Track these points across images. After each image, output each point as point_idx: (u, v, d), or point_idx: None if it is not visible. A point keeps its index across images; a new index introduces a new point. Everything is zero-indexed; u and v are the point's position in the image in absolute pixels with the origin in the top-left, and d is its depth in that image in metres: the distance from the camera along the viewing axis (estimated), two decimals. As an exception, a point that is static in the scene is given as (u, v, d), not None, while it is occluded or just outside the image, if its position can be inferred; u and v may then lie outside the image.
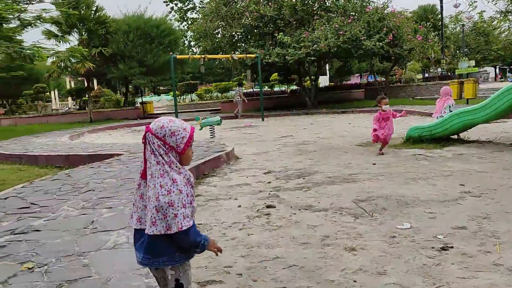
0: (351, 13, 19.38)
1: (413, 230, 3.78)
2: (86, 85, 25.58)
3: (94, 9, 23.01)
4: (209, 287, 2.89)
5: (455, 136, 8.75)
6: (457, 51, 36.54)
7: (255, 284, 2.91)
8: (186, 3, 31.37)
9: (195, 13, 30.38)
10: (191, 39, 29.48)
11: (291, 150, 9.18)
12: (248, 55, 18.99)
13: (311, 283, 2.87)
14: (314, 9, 20.22)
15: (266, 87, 29.81)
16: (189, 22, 34.92)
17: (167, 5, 31.22)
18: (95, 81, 33.54)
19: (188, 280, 1.87)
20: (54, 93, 39.16)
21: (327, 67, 31.54)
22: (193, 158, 7.19)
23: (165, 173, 1.74)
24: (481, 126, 9.63)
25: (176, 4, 31.29)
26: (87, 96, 24.82)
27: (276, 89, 31.58)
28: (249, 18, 20.45)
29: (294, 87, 28.81)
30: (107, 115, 24.34)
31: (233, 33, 22.17)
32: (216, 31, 23.16)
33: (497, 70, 50.44)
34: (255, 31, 21.20)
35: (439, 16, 30.37)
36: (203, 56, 18.76)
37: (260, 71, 19.11)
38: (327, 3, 20.59)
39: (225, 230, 4.12)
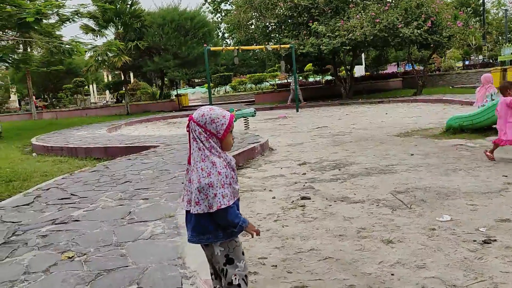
0: (388, 0, 18.84)
1: (453, 222, 3.65)
2: (122, 78, 26.24)
3: (129, 3, 23.47)
4: (244, 278, 2.90)
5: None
6: (500, 37, 34.92)
7: (290, 276, 2.90)
8: (220, -5, 31.45)
9: (229, 4, 30.43)
10: (225, 30, 29.63)
11: (326, 141, 9.07)
12: (282, 46, 18.85)
13: (347, 276, 2.83)
14: (349, -3, 19.80)
15: (301, 77, 29.55)
16: (223, 14, 35.05)
17: (200, -2, 31.43)
18: (131, 75, 34.30)
19: (238, 256, 1.96)
20: (92, 86, 40.33)
21: (363, 57, 30.88)
22: (228, 150, 7.26)
23: (205, 158, 1.87)
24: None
25: (209, -4, 31.43)
26: (124, 89, 25.44)
27: (311, 79, 31.26)
28: (283, 8, 20.27)
29: (329, 77, 28.42)
30: (143, 108, 24.87)
31: (267, 24, 22.06)
32: (250, 22, 23.11)
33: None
34: (289, 21, 21.00)
35: (481, 1, 29.01)
36: (236, 47, 18.78)
37: (295, 62, 18.93)
38: (362, -9, 20.11)
39: (259, 221, 4.11)
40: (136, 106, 24.98)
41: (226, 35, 37.10)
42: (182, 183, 2.35)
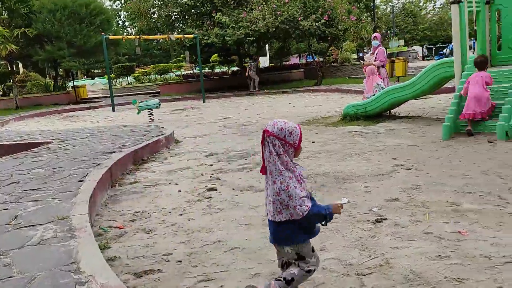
0: (287, -7, 19.41)
1: (350, 204, 3.87)
2: (9, 69, 23.76)
3: (13, -14, 21.23)
4: (146, 277, 2.78)
5: (388, 113, 9.11)
6: (388, 31, 38.03)
7: (195, 270, 2.84)
8: (118, -19, 29.90)
9: (128, -9, 29.03)
10: (125, 19, 28.26)
11: (233, 131, 9.12)
12: (186, 36, 18.50)
13: (253, 264, 2.85)
14: (251, -12, 20.02)
15: (207, 68, 29.34)
16: (123, 1, 33.34)
17: (97, -17, 29.52)
18: (20, 65, 31.23)
19: (308, 252, 2.12)
20: (-26, 79, 36.02)
21: (267, 48, 31.58)
22: (130, 144, 6.94)
23: (282, 171, 2.02)
24: (410, 102, 10.09)
25: (106, -18, 29.72)
26: (11, 81, 23.08)
27: (217, 70, 31.20)
28: (185, -3, 19.87)
29: (235, 68, 28.61)
30: (35, 101, 22.78)
31: (170, 13, 21.47)
32: (152, 10, 22.31)
33: (425, 49, 53.16)
34: (192, 11, 20.67)
35: (372, -4, 31.25)
36: (138, 36, 18.03)
37: (199, 52, 18.71)
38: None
39: (164, 216, 3.99)
40: (26, 99, 22.79)
41: (127, 23, 35.47)
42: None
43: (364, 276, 2.53)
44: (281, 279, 2.17)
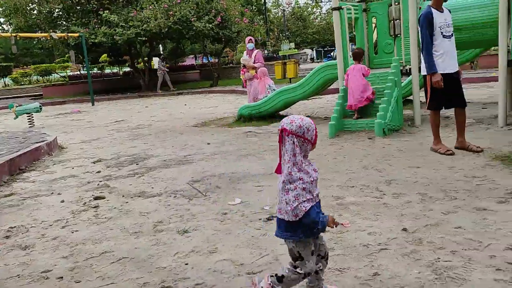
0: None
1: (243, 204, 3.92)
2: None
3: None
4: (20, 300, 2.50)
5: (281, 113, 9.46)
6: (280, 34, 39.65)
7: (78, 286, 2.63)
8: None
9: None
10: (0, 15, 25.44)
11: (125, 135, 8.73)
12: (70, 34, 17.25)
13: (142, 274, 2.73)
14: (141, -14, 19.40)
15: (96, 69, 27.71)
16: (-5, -5, 30.07)
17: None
18: None
19: (307, 254, 2.10)
20: None
21: (161, 48, 30.86)
22: (6, 152, 6.25)
23: (292, 172, 1.98)
24: (301, 102, 10.62)
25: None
26: None
27: (107, 71, 29.65)
28: (69, -7, 18.55)
29: (127, 69, 27.45)
30: None
31: (51, 10, 19.86)
32: (31, 6, 20.43)
33: (315, 52, 56.49)
34: (77, 8, 19.37)
35: (262, 1, 32.29)
36: (14, 34, 16.37)
37: (86, 52, 17.59)
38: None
39: (44, 230, 3.65)
40: None
41: (2, 19, 32.00)
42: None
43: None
44: (274, 274, 2.17)
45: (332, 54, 35.28)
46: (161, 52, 26.66)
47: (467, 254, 2.59)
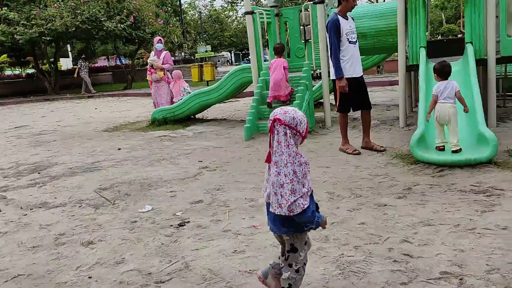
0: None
1: (154, 211, 3.79)
2: None
3: None
4: None
5: (198, 116, 9.38)
6: (198, 37, 39.43)
7: (-38, 312, 2.35)
8: None
9: None
10: None
11: (26, 142, 8.06)
12: (-39, 31, 15.60)
13: (39, 292, 2.51)
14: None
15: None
16: None
17: None
18: None
19: (301, 246, 2.11)
20: None
21: (69, 49, 29.09)
22: None
23: (288, 163, 1.92)
24: (218, 105, 10.63)
25: None
26: None
27: (8, 72, 27.25)
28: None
29: (31, 71, 25.45)
30: None
31: None
32: None
33: (233, 55, 56.95)
34: (-30, 2, 17.57)
35: (178, 2, 31.86)
36: None
37: (-18, 51, 16.03)
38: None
39: None
40: None
41: None
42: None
43: (162, 283, 2.47)
44: None
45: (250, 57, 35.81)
46: (70, 52, 25.12)
47: (368, 249, 2.74)
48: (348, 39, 5.26)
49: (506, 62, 6.73)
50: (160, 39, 9.76)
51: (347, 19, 5.33)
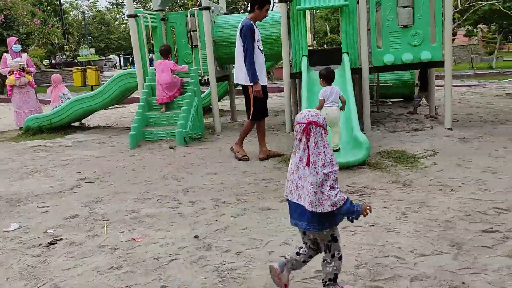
0: None
1: (21, 230, 3.42)
2: None
3: None
4: None
5: (78, 123, 8.76)
6: (81, 39, 37.05)
7: None
8: None
9: None
10: None
11: None
12: None
13: None
14: None
15: None
16: None
17: None
18: None
19: (338, 233, 2.17)
20: None
21: None
22: None
23: (325, 163, 2.00)
24: (103, 112, 10.06)
25: None
26: None
27: None
28: None
29: None
30: None
31: None
32: None
33: (122, 58, 54.47)
34: None
35: (58, 1, 29.62)
36: None
37: None
38: None
39: None
40: None
41: None
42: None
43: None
44: (325, 281, 2.18)
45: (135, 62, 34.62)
46: None
47: (249, 254, 2.77)
48: (258, 46, 5.25)
49: (378, 71, 7.43)
50: (17, 40, 8.98)
51: (257, 27, 5.28)
